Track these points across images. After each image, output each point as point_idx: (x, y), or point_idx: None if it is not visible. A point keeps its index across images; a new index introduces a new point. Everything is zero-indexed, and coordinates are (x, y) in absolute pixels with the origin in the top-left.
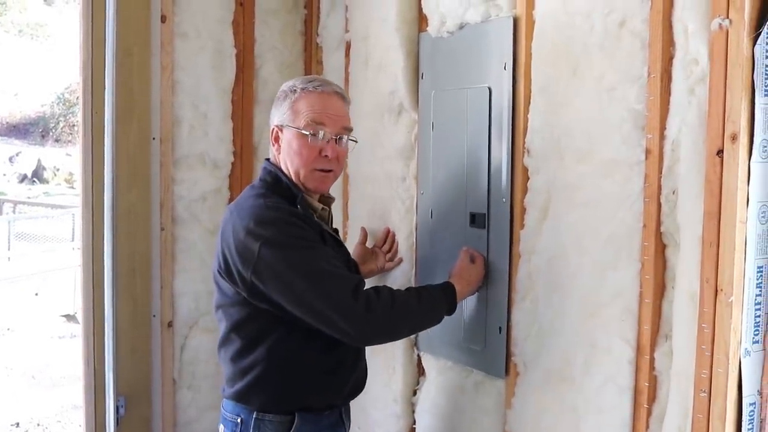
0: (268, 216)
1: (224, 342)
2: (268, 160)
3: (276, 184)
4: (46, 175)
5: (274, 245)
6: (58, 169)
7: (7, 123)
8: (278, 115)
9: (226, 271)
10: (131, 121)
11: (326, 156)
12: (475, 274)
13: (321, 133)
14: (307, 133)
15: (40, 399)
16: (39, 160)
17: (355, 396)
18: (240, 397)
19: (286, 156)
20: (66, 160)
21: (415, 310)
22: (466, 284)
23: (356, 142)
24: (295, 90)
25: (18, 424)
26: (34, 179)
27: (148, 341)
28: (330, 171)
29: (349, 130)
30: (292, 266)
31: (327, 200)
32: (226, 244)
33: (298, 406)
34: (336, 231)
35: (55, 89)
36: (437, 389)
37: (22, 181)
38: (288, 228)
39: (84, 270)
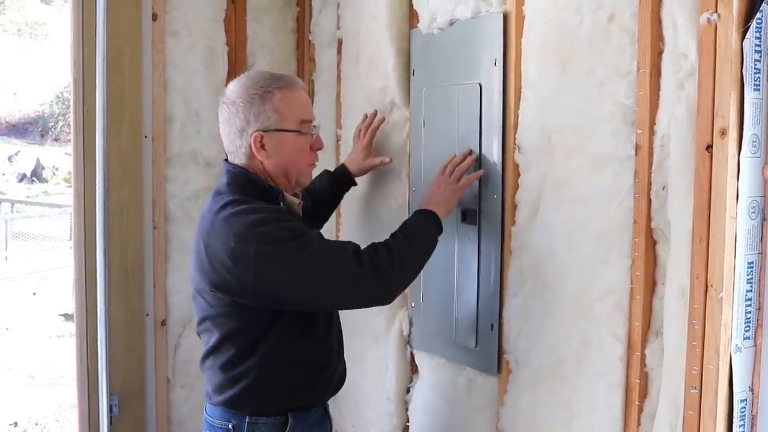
0: (254, 219)
1: (214, 351)
2: (226, 161)
3: (247, 185)
4: (45, 174)
5: (270, 244)
6: (57, 169)
7: (6, 122)
8: (256, 120)
9: (221, 285)
10: (123, 119)
11: (318, 149)
12: (448, 193)
13: (313, 129)
14: (306, 132)
15: (38, 398)
16: (38, 160)
17: (339, 390)
18: (232, 404)
19: (279, 160)
20: (65, 159)
21: (413, 250)
22: (443, 204)
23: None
24: (270, 91)
25: (16, 423)
26: (33, 178)
27: (142, 340)
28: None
29: None
30: (293, 257)
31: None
32: (217, 260)
33: (290, 406)
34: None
35: (54, 88)
36: (430, 387)
37: (21, 180)
38: (278, 224)
39: (76, 269)
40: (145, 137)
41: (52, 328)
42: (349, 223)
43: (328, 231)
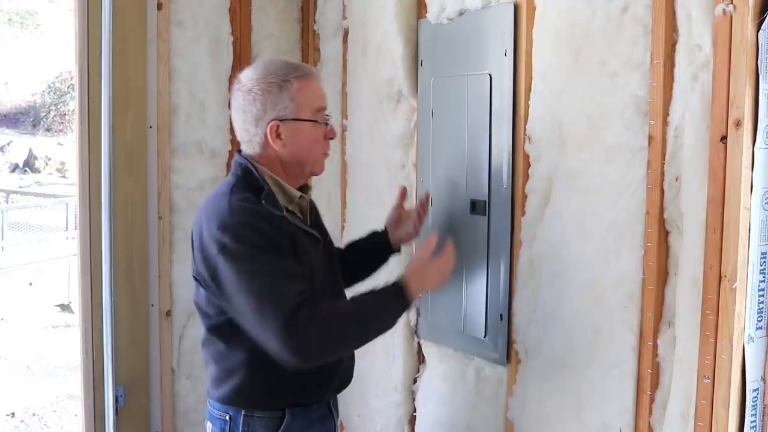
0: (229, 221)
1: (206, 342)
2: (239, 152)
3: (246, 177)
4: (38, 164)
5: (228, 255)
6: (49, 159)
7: None
8: (273, 108)
9: (197, 272)
10: (128, 109)
11: (330, 138)
12: (435, 271)
13: (328, 119)
14: (322, 121)
15: (35, 389)
16: (30, 150)
17: (344, 388)
18: (226, 400)
19: (295, 149)
20: (57, 149)
21: (359, 322)
22: (420, 282)
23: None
24: (288, 80)
25: (13, 414)
26: (26, 169)
27: (147, 331)
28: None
29: None
30: (238, 282)
31: (305, 188)
32: (198, 247)
33: (287, 402)
34: (316, 222)
35: (46, 78)
36: (438, 377)
37: (13, 170)
38: (244, 233)
39: (81, 260)
40: (150, 127)
41: (48, 319)
42: (354, 213)
43: (332, 220)
